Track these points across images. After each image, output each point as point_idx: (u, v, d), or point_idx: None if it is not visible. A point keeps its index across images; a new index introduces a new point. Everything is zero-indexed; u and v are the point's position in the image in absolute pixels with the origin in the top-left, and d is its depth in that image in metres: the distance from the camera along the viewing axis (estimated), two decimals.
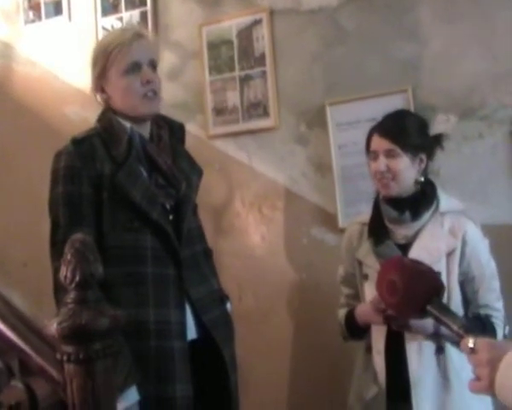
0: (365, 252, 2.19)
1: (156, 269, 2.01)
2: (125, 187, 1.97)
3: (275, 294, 3.02)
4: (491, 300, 2.12)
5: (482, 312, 2.11)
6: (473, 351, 1.32)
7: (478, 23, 2.66)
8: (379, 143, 2.12)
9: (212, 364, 2.11)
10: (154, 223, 2.00)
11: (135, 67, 2.03)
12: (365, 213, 2.30)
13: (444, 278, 2.06)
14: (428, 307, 1.78)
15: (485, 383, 1.27)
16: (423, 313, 1.82)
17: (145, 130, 2.10)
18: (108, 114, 2.09)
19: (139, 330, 1.95)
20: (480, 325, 2.07)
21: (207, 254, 2.27)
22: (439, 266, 2.07)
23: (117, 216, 1.99)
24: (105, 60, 2.04)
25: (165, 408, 1.96)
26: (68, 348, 1.31)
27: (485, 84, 2.63)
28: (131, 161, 2.01)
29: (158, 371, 1.95)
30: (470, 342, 1.33)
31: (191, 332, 2.07)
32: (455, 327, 1.67)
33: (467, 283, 2.11)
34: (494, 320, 2.10)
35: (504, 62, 2.61)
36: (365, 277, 2.17)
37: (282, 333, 3.00)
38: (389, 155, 2.09)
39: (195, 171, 2.23)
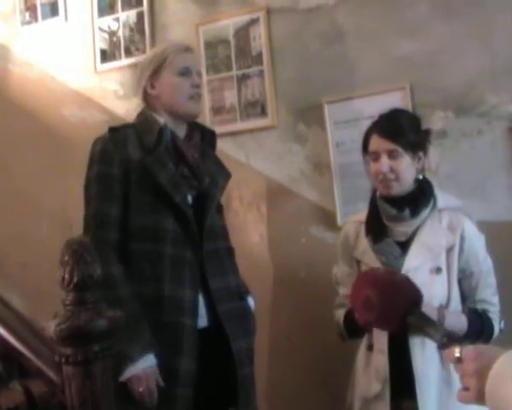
0: (364, 250, 2.19)
1: (174, 249, 2.15)
2: (152, 170, 2.15)
3: (274, 292, 3.02)
4: (488, 295, 2.14)
5: (479, 307, 2.12)
6: (459, 360, 1.26)
7: (476, 20, 2.65)
8: (380, 143, 2.11)
9: (223, 355, 2.18)
10: (177, 207, 2.16)
11: (187, 72, 2.27)
12: (361, 212, 2.30)
13: (444, 273, 2.07)
14: (409, 319, 1.76)
15: (474, 394, 1.22)
16: (404, 326, 1.80)
17: (181, 129, 2.31)
18: (145, 111, 2.30)
19: (154, 303, 2.10)
20: (479, 319, 2.09)
21: (230, 252, 2.40)
22: (439, 262, 2.08)
23: (142, 198, 2.17)
24: (162, 60, 2.27)
25: (169, 377, 2.06)
26: (67, 350, 1.31)
27: (483, 81, 2.63)
28: (160, 150, 2.19)
29: (167, 343, 2.07)
30: (456, 352, 1.27)
31: (203, 320, 2.17)
32: (438, 336, 1.66)
33: (465, 279, 2.12)
34: (491, 315, 2.12)
35: (503, 59, 2.60)
36: None
37: (281, 331, 2.99)
38: (391, 155, 2.09)
39: (223, 173, 2.41)
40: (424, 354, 2.03)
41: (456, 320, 2.05)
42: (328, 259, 2.50)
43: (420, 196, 2.13)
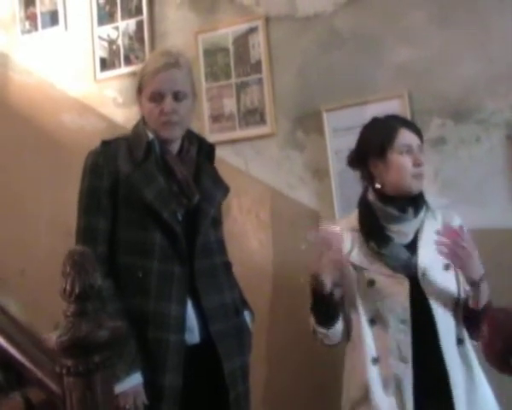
0: (365, 257, 2.16)
1: (162, 265, 2.13)
2: (139, 186, 2.14)
3: (273, 299, 3.02)
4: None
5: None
6: None
7: (474, 27, 2.66)
8: (412, 137, 2.15)
9: (216, 373, 2.17)
10: (164, 223, 2.14)
11: (157, 97, 2.19)
12: (343, 220, 2.31)
13: (452, 271, 2.10)
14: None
15: None
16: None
17: (174, 144, 2.26)
18: (139, 123, 2.29)
19: (139, 318, 2.09)
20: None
21: (227, 267, 2.37)
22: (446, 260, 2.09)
23: (130, 212, 2.16)
24: (140, 80, 2.25)
25: (154, 394, 2.06)
26: (68, 361, 1.31)
27: (481, 88, 2.64)
28: (148, 164, 2.18)
29: (151, 359, 2.07)
30: None
31: (194, 337, 2.16)
32: None
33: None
34: None
35: (500, 66, 2.61)
36: (371, 283, 2.12)
37: (280, 338, 2.99)
38: (420, 150, 2.15)
39: (220, 188, 2.38)
40: (454, 357, 2.03)
41: (486, 290, 2.05)
42: None
43: (419, 196, 2.16)
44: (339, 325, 2.20)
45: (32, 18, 3.69)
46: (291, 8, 3.00)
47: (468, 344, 2.09)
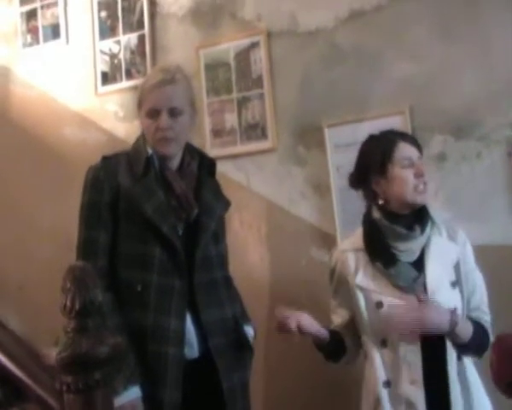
0: (371, 278, 2.13)
1: (161, 278, 2.14)
2: (138, 200, 2.16)
3: (273, 314, 3.00)
4: (483, 303, 2.15)
5: (474, 314, 2.12)
6: None
7: (474, 43, 2.67)
8: (411, 150, 2.15)
9: (215, 388, 2.16)
10: (164, 237, 2.15)
11: (154, 113, 2.20)
12: (348, 239, 2.30)
13: (457, 286, 2.09)
14: None
15: None
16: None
17: (174, 159, 2.27)
18: (139, 138, 2.31)
19: (139, 332, 2.09)
20: (480, 328, 2.09)
21: (227, 281, 2.37)
22: (452, 276, 2.09)
23: (131, 225, 2.17)
24: (139, 96, 2.27)
25: (153, 408, 2.06)
26: (68, 378, 1.29)
27: (482, 104, 2.64)
28: (148, 179, 2.20)
29: (151, 373, 2.07)
30: None
31: (193, 351, 2.16)
32: None
33: (466, 285, 2.13)
34: (486, 325, 2.12)
35: (501, 82, 2.62)
36: (379, 304, 2.09)
37: (279, 353, 2.97)
38: (421, 161, 2.15)
39: (221, 202, 2.39)
40: (454, 374, 2.03)
41: (466, 326, 2.04)
42: (328, 281, 2.49)
43: (425, 212, 2.15)
44: (347, 356, 2.22)
45: (33, 31, 3.71)
46: (292, 23, 3.01)
47: (466, 360, 2.08)
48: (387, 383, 2.07)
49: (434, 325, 1.98)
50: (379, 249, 2.13)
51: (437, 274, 2.07)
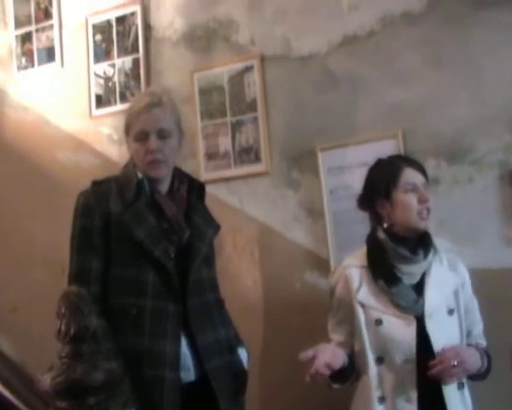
0: (373, 295, 2.16)
1: (155, 303, 2.14)
2: (130, 225, 2.15)
3: (266, 338, 3.01)
4: (480, 330, 2.21)
5: (474, 341, 2.17)
6: None
7: (466, 68, 2.70)
8: (416, 176, 2.18)
9: None
10: (156, 260, 2.15)
11: (142, 136, 2.22)
12: (352, 256, 2.30)
13: (455, 314, 2.12)
14: None
15: None
16: None
17: (164, 183, 2.28)
18: (129, 163, 2.31)
19: (134, 357, 2.08)
20: (484, 354, 2.13)
21: (220, 304, 2.37)
22: (450, 303, 2.13)
23: (123, 251, 2.17)
24: (126, 121, 2.30)
25: None
26: (62, 403, 1.29)
27: (474, 129, 2.66)
28: (139, 204, 2.20)
29: (148, 398, 2.05)
30: None
31: (190, 374, 2.16)
32: None
33: (466, 314, 2.17)
34: (487, 350, 2.17)
35: (493, 107, 2.64)
36: (378, 322, 2.13)
37: (273, 377, 2.96)
38: (425, 188, 2.19)
39: (211, 225, 2.39)
40: (455, 402, 2.05)
41: (474, 357, 2.08)
42: (322, 305, 2.49)
43: (428, 238, 2.19)
44: (354, 374, 2.22)
45: (28, 54, 3.72)
46: (286, 48, 3.04)
47: (467, 389, 2.10)
48: (382, 399, 2.10)
49: (471, 366, 2.05)
50: (383, 269, 2.17)
51: (435, 300, 2.11)
